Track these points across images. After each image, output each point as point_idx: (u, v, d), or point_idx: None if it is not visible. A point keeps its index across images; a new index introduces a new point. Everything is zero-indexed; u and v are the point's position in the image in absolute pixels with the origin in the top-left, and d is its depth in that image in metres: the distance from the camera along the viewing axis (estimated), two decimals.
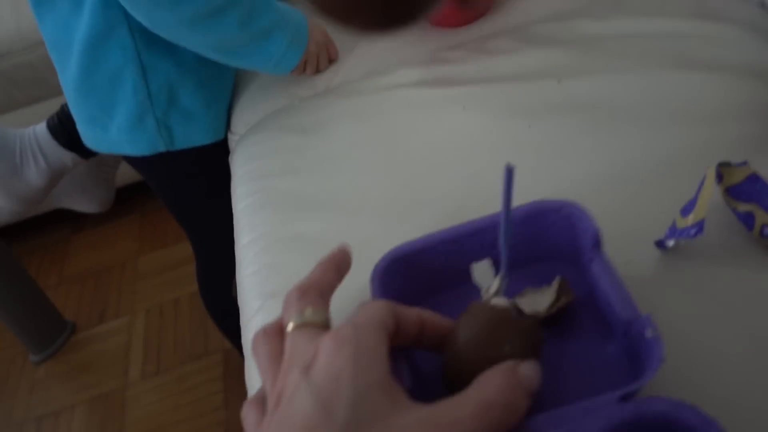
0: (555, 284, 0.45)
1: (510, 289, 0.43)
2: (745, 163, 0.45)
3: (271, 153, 0.73)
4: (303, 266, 0.55)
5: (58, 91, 1.63)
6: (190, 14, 0.72)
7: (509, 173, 0.40)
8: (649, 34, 0.71)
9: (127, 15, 0.77)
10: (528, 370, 0.34)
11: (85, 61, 0.81)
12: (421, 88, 0.74)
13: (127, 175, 1.37)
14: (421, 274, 0.48)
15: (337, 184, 0.63)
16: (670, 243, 0.47)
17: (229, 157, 0.84)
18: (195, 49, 0.79)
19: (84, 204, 1.24)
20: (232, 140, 0.89)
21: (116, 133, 0.87)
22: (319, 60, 0.87)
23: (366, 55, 0.88)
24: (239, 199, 0.71)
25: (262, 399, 0.36)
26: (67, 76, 0.85)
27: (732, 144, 0.54)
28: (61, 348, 1.67)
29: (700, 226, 0.44)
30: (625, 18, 0.75)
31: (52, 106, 1.61)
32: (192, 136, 0.90)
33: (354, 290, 0.47)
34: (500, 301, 0.41)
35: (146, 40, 0.81)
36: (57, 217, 1.91)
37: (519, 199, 0.47)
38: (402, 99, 0.74)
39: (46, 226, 1.99)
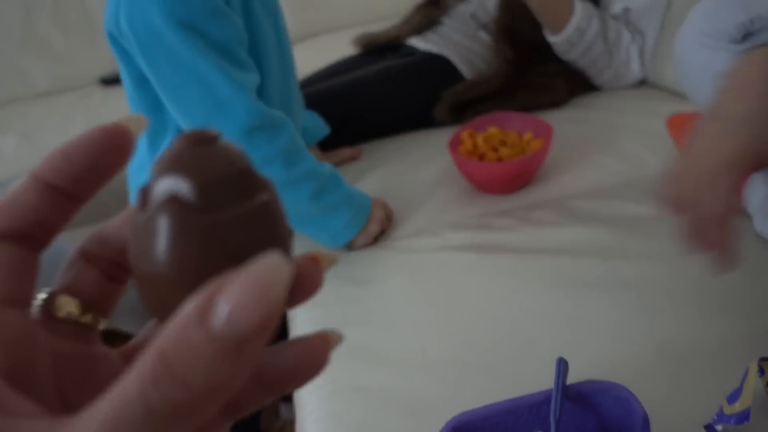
0: None
1: None
2: None
3: (332, 303, 0.79)
4: (366, 417, 0.59)
5: (112, 213, 1.74)
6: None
7: (560, 366, 0.45)
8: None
9: None
10: None
11: None
12: (472, 253, 0.80)
13: None
14: None
15: (396, 339, 0.68)
16: (719, 428, 0.50)
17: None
18: None
19: (133, 324, 1.29)
20: None
21: None
22: (374, 234, 0.91)
23: (415, 213, 0.94)
24: None
25: None
26: None
27: None
28: None
29: (746, 415, 0.48)
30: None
31: None
32: None
33: None
34: None
35: None
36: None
37: (572, 372, 0.52)
38: (454, 261, 0.80)
39: None
